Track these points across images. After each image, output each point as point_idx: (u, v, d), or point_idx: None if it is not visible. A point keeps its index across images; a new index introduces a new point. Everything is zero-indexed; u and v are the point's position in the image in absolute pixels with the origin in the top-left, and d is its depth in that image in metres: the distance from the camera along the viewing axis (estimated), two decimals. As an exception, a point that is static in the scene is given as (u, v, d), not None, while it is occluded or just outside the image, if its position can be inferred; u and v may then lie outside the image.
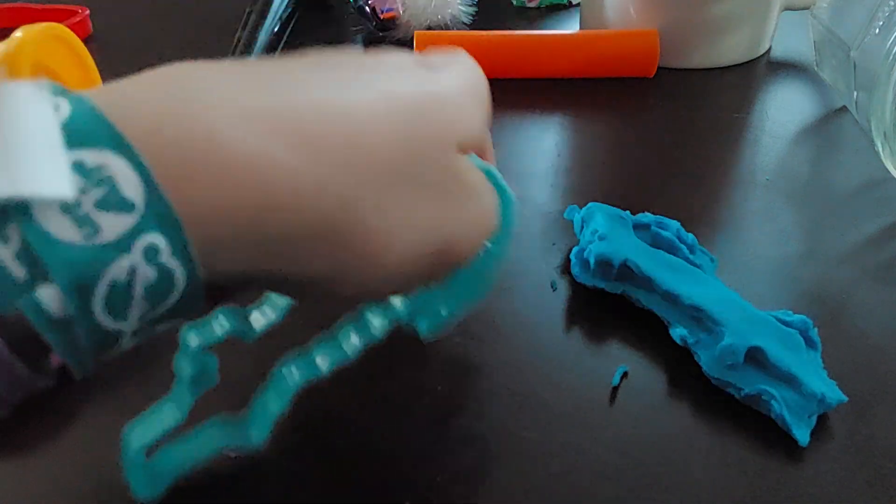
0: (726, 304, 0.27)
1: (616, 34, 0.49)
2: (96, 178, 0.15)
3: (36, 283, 0.14)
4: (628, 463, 0.24)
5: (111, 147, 0.15)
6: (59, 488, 0.24)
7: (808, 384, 0.25)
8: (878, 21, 0.37)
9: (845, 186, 0.38)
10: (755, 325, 0.27)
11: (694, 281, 0.29)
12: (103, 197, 0.15)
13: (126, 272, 0.15)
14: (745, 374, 0.26)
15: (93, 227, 0.14)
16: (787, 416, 0.25)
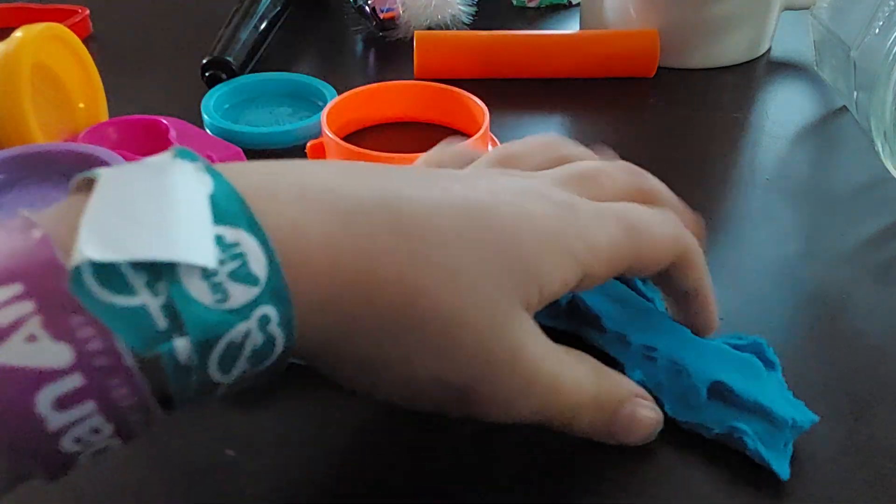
0: (678, 339, 0.26)
1: (616, 34, 0.49)
2: (232, 253, 0.17)
3: (173, 334, 0.16)
4: (626, 462, 0.24)
5: (246, 228, 0.18)
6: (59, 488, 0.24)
7: (776, 412, 0.24)
8: (878, 21, 0.37)
9: (845, 186, 0.38)
10: (711, 358, 0.26)
11: (643, 316, 0.27)
12: (235, 270, 0.17)
13: (241, 335, 0.17)
14: (711, 411, 0.25)
15: (224, 294, 0.17)
16: (762, 450, 0.24)
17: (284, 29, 0.54)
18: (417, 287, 0.20)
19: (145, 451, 0.25)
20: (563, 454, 0.25)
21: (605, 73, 0.48)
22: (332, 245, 0.19)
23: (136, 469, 0.24)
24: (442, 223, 0.21)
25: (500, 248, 0.21)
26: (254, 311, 0.17)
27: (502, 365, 0.21)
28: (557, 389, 0.22)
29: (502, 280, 0.21)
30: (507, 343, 0.21)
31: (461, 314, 0.20)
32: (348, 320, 0.19)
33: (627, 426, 0.24)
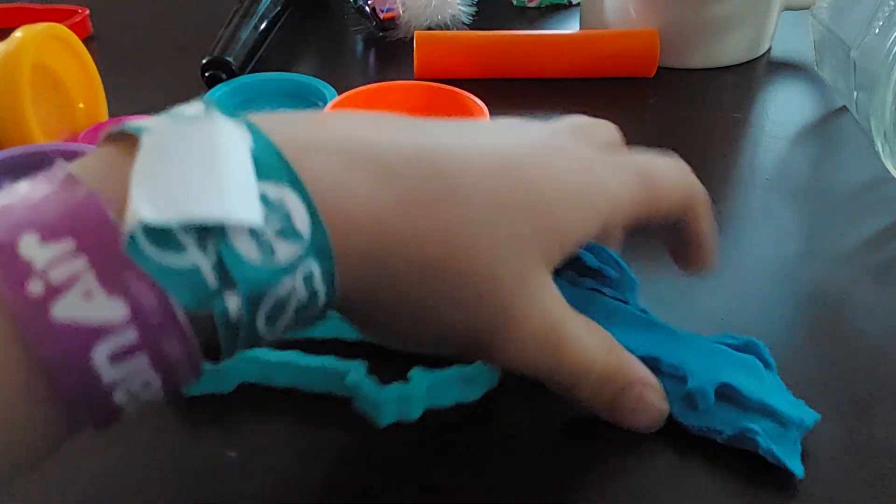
0: (673, 343, 0.26)
1: (616, 34, 0.49)
2: (276, 210, 0.17)
3: (223, 291, 0.17)
4: (629, 462, 0.24)
5: (288, 183, 0.18)
6: (55, 488, 0.24)
7: (784, 411, 0.24)
8: (878, 21, 0.37)
9: (845, 186, 0.38)
10: (713, 360, 0.26)
11: (633, 325, 0.27)
12: (281, 227, 0.17)
13: (287, 291, 0.18)
14: (720, 414, 0.25)
15: (270, 251, 0.17)
16: (775, 450, 0.24)
17: (284, 29, 0.54)
18: (457, 244, 0.21)
19: (146, 451, 0.25)
20: (564, 459, 0.25)
21: (605, 73, 0.48)
22: (372, 200, 0.20)
23: (137, 469, 0.24)
24: (476, 181, 0.21)
25: (528, 207, 0.22)
26: (298, 267, 0.18)
27: (524, 318, 0.22)
28: (569, 348, 0.23)
29: (531, 238, 0.22)
30: (530, 298, 0.22)
31: (494, 269, 0.21)
32: (387, 274, 0.20)
33: (633, 407, 0.24)
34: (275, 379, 0.26)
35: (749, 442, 0.24)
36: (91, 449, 0.25)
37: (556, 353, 0.23)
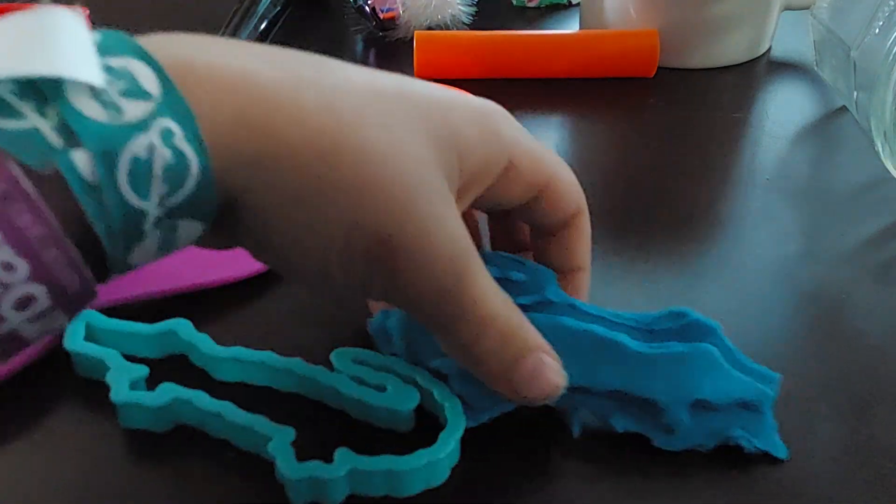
0: (630, 365, 0.24)
1: (616, 34, 0.49)
2: (120, 74, 0.17)
3: (69, 150, 0.16)
4: (627, 463, 0.24)
5: (134, 55, 0.18)
6: (53, 487, 0.24)
7: (751, 397, 0.24)
8: (878, 21, 0.37)
9: (845, 186, 0.38)
10: (674, 374, 0.24)
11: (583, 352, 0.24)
12: (126, 88, 0.17)
13: (145, 149, 0.17)
14: (699, 429, 0.24)
15: (117, 109, 0.17)
16: (759, 444, 0.24)
17: (284, 29, 0.54)
18: (342, 119, 0.20)
19: (144, 453, 0.25)
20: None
21: (605, 73, 0.48)
22: (243, 66, 0.19)
23: (136, 470, 0.24)
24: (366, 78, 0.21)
25: (423, 108, 0.21)
26: (152, 124, 0.17)
27: (423, 218, 0.20)
28: (473, 284, 0.21)
29: (424, 136, 0.21)
30: (429, 200, 0.20)
31: (384, 153, 0.20)
32: (269, 144, 0.19)
33: (531, 376, 0.23)
34: (207, 427, 0.25)
35: (733, 443, 0.24)
36: (86, 447, 0.25)
37: (459, 285, 0.21)
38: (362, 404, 0.25)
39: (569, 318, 0.25)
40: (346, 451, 0.23)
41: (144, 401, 0.25)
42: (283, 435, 0.23)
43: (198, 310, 0.30)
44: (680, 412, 0.24)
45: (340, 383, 0.25)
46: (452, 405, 0.24)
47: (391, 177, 0.20)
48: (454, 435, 0.23)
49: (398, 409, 0.24)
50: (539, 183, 0.24)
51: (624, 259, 0.33)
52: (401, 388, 0.25)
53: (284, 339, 0.29)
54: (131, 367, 0.26)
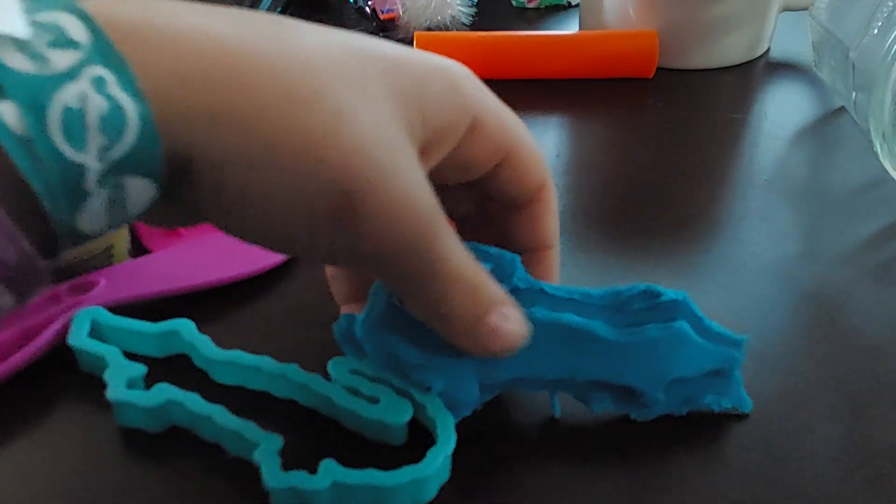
0: (607, 353, 0.24)
1: (615, 35, 0.49)
2: (48, 28, 0.16)
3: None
4: (627, 466, 0.24)
5: (63, 10, 0.17)
6: (52, 486, 0.24)
7: (720, 365, 0.25)
8: (877, 21, 0.37)
9: (844, 187, 0.38)
10: (648, 357, 0.24)
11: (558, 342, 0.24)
12: (53, 39, 0.16)
13: (77, 97, 0.16)
14: (673, 399, 0.25)
15: (43, 60, 0.16)
16: (726, 404, 0.26)
17: (284, 29, 0.54)
18: (303, 74, 0.19)
19: (142, 453, 0.25)
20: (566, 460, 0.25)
21: (605, 73, 0.48)
22: (191, 22, 0.18)
23: (134, 470, 0.24)
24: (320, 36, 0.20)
25: (384, 64, 0.21)
26: (81, 72, 0.16)
27: (386, 173, 0.20)
28: (441, 238, 0.21)
29: (385, 90, 0.20)
30: (391, 154, 0.20)
31: (346, 108, 0.19)
32: (219, 98, 0.18)
33: (495, 330, 0.22)
34: (199, 430, 0.25)
35: (704, 406, 0.26)
36: (83, 446, 0.25)
37: (425, 241, 0.21)
38: (355, 415, 0.25)
39: (539, 307, 0.24)
40: (331, 463, 0.23)
41: (139, 400, 0.25)
42: (270, 442, 0.23)
43: (203, 309, 0.30)
44: (656, 392, 0.25)
45: (334, 393, 0.25)
46: (443, 421, 0.24)
47: (353, 132, 0.19)
48: (442, 452, 0.23)
49: (389, 423, 0.24)
50: (504, 146, 0.24)
51: (623, 259, 0.33)
52: (394, 401, 0.24)
53: (287, 338, 0.29)
54: (129, 365, 0.26)
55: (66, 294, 0.29)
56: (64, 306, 0.28)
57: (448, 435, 0.23)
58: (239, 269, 0.31)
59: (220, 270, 0.31)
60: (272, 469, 0.23)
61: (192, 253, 0.31)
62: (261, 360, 0.26)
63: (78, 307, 0.28)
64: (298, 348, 0.28)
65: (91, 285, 0.29)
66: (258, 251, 0.31)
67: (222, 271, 0.31)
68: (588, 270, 0.33)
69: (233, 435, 0.24)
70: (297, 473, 0.22)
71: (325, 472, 0.22)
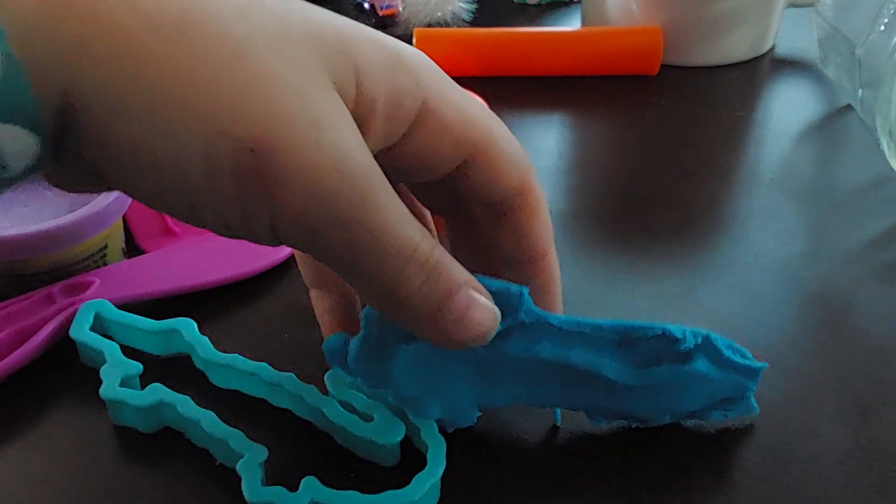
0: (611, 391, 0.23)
1: (618, 31, 0.49)
2: None
3: None
4: (629, 465, 0.24)
5: None
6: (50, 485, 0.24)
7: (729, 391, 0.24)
8: (884, 18, 0.37)
9: (850, 185, 0.38)
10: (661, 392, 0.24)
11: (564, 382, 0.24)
12: None
13: None
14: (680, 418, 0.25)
15: None
16: (732, 415, 0.25)
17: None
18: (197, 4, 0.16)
19: (139, 455, 0.25)
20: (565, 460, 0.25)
21: (608, 70, 0.48)
22: None
23: (129, 472, 0.24)
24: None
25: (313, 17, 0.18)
26: None
27: (303, 122, 0.17)
28: (381, 204, 0.18)
29: (309, 38, 0.17)
30: (310, 101, 0.17)
31: (251, 38, 0.16)
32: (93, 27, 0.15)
33: (460, 316, 0.20)
34: (189, 433, 0.25)
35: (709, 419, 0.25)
36: (80, 445, 0.25)
37: (364, 203, 0.17)
38: (346, 432, 0.24)
39: (546, 341, 0.23)
40: (313, 481, 0.22)
41: (131, 399, 0.25)
42: (254, 454, 0.23)
43: (206, 308, 0.29)
44: (661, 420, 0.25)
45: (328, 407, 0.24)
46: (436, 447, 0.23)
47: (260, 67, 0.16)
48: (429, 479, 0.22)
49: (380, 443, 0.23)
50: (468, 141, 0.21)
51: (626, 259, 0.33)
52: (387, 421, 0.24)
53: (286, 339, 0.29)
54: (126, 363, 0.26)
55: (60, 294, 0.28)
56: (58, 307, 0.28)
57: (438, 462, 0.23)
58: (235, 269, 0.30)
59: (216, 271, 0.30)
60: (252, 482, 0.22)
61: (188, 253, 0.31)
62: (258, 366, 0.26)
63: (72, 308, 0.28)
64: (298, 349, 0.28)
65: (85, 286, 0.29)
66: (256, 251, 0.31)
67: (218, 272, 0.30)
68: (590, 271, 0.32)
69: (219, 443, 0.24)
70: (277, 489, 0.22)
71: (304, 490, 0.22)
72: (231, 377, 0.26)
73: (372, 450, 0.24)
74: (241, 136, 0.16)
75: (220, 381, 0.26)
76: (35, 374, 0.27)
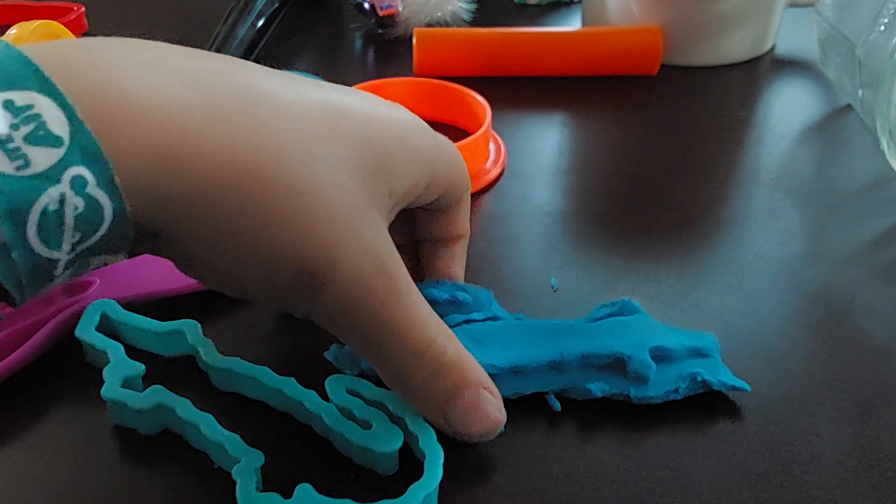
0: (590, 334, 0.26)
1: (618, 31, 0.48)
2: (25, 116, 0.16)
3: None
4: (630, 466, 0.24)
5: (38, 89, 0.16)
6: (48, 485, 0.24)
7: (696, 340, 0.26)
8: (884, 18, 0.37)
9: (850, 185, 0.38)
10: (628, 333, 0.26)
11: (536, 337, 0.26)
12: (32, 132, 0.16)
13: (56, 201, 0.16)
14: (667, 376, 0.26)
15: (24, 160, 0.16)
16: (724, 380, 0.26)
17: (282, 26, 0.54)
18: (270, 152, 0.19)
19: (139, 457, 0.25)
20: (565, 456, 0.24)
21: (608, 70, 0.48)
22: (164, 96, 0.18)
23: (129, 474, 0.24)
24: (293, 105, 0.20)
25: (352, 140, 0.21)
26: (63, 174, 0.16)
27: (352, 250, 0.20)
28: (404, 305, 0.21)
29: (354, 169, 0.21)
30: (358, 229, 0.21)
31: (313, 184, 0.20)
32: (189, 183, 0.18)
33: (467, 411, 0.22)
34: (187, 436, 0.25)
35: (702, 385, 0.26)
36: (79, 445, 0.25)
37: (388, 304, 0.21)
38: (344, 439, 0.24)
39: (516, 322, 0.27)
40: (307, 488, 0.22)
41: (131, 401, 0.24)
42: (250, 459, 0.23)
43: (208, 308, 0.29)
44: (643, 356, 0.25)
45: (326, 413, 0.24)
46: (433, 457, 0.23)
47: (317, 213, 0.20)
48: (424, 490, 0.22)
49: (377, 451, 0.23)
50: (440, 186, 0.25)
51: (626, 260, 0.33)
52: (385, 429, 0.24)
53: (287, 340, 0.28)
54: (129, 363, 0.26)
55: (61, 295, 0.28)
56: (58, 307, 0.28)
57: (435, 472, 0.22)
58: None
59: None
60: (247, 488, 0.22)
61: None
62: (260, 370, 0.26)
63: (72, 308, 0.27)
64: (299, 350, 0.28)
65: (86, 286, 0.29)
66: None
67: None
68: (590, 271, 0.32)
69: (216, 447, 0.24)
70: (270, 495, 0.22)
71: (298, 498, 0.22)
72: (232, 380, 0.26)
73: (370, 458, 0.24)
74: (298, 266, 0.20)
75: (222, 383, 0.26)
76: (35, 374, 0.27)
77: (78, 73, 0.17)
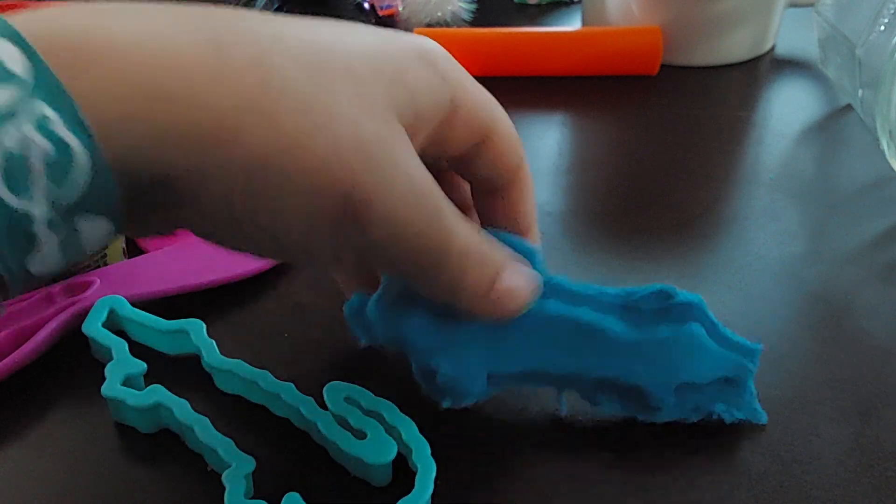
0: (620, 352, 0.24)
1: (618, 31, 0.48)
2: None
3: None
4: (631, 466, 0.24)
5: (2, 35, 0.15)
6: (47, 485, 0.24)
7: (732, 374, 0.24)
8: (884, 18, 0.37)
9: (850, 185, 0.38)
10: (662, 359, 0.24)
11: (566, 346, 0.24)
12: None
13: (18, 141, 0.15)
14: (684, 404, 0.25)
15: None
16: (739, 415, 0.25)
17: (284, 26, 0.54)
18: (274, 70, 0.18)
19: (140, 457, 0.25)
20: (566, 459, 0.24)
21: (608, 70, 0.48)
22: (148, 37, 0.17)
23: (129, 473, 0.24)
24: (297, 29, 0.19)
25: (365, 55, 0.20)
26: (21, 112, 0.15)
27: (385, 165, 0.19)
28: (448, 215, 0.21)
29: (370, 80, 0.20)
30: (388, 144, 0.19)
31: (328, 101, 0.19)
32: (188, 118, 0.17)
33: (506, 293, 0.22)
34: (184, 437, 0.25)
35: (715, 416, 0.25)
36: (78, 445, 0.25)
37: (434, 224, 0.20)
38: (338, 448, 0.24)
39: (555, 300, 0.24)
40: (295, 497, 0.22)
41: (130, 399, 0.25)
42: (241, 465, 0.23)
43: (212, 308, 0.29)
44: (664, 395, 0.24)
45: (323, 421, 0.24)
46: (424, 470, 0.23)
47: (349, 133, 0.19)
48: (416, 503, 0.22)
49: (370, 462, 0.23)
50: (482, 128, 0.23)
51: (626, 259, 0.33)
52: (380, 439, 0.24)
53: (287, 340, 0.29)
54: (131, 361, 0.26)
55: (60, 295, 0.28)
56: (58, 307, 0.28)
57: (426, 486, 0.22)
58: (235, 269, 0.30)
59: (216, 271, 0.30)
60: (235, 494, 0.22)
61: (187, 253, 0.31)
62: (259, 374, 0.26)
63: (72, 308, 0.27)
64: (299, 351, 0.28)
65: (86, 286, 0.29)
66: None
67: (218, 272, 0.30)
68: (591, 271, 0.32)
69: (209, 450, 0.24)
70: (258, 503, 0.22)
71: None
72: (234, 382, 0.26)
73: (363, 468, 0.24)
74: (336, 192, 0.18)
75: (224, 385, 0.26)
76: (35, 373, 0.27)
77: (62, 18, 0.16)
